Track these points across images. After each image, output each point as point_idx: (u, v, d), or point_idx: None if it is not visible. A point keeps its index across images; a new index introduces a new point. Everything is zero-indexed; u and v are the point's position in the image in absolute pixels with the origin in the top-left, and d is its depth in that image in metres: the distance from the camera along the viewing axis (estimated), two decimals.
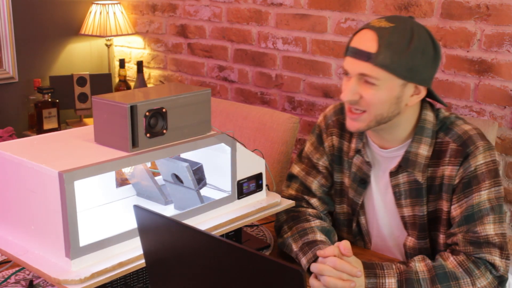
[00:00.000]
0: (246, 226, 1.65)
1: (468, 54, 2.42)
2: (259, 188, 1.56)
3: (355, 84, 1.43)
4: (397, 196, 1.53)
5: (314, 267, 1.35)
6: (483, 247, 1.39)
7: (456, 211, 1.44)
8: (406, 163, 1.49)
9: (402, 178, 1.51)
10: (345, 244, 1.34)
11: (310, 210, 1.61)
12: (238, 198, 1.51)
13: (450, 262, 1.38)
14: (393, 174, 1.52)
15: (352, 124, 1.48)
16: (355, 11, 2.71)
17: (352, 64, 1.43)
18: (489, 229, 1.40)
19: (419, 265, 1.37)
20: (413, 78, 1.42)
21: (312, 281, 1.35)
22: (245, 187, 1.52)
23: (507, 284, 1.57)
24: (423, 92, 1.46)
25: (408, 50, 1.38)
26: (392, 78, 1.40)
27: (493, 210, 1.41)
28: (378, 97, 1.41)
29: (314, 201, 1.63)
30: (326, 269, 1.32)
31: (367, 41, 1.41)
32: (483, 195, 1.41)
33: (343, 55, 1.49)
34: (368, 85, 1.42)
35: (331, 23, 2.81)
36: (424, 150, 1.48)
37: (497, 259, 1.38)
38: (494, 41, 2.34)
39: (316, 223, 1.55)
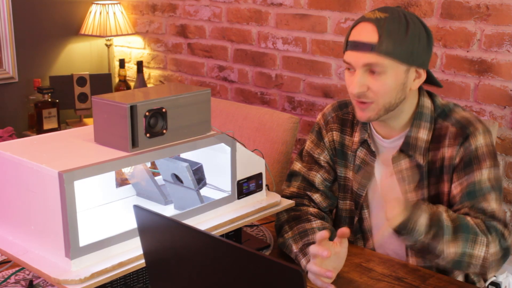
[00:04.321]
0: (246, 226, 1.65)
1: (468, 54, 2.42)
2: (259, 188, 1.56)
3: (361, 76, 1.45)
4: (399, 182, 1.54)
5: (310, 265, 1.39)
6: (491, 219, 1.41)
7: (456, 189, 1.46)
8: (407, 147, 1.52)
9: (405, 164, 1.53)
10: (344, 230, 1.37)
11: (311, 210, 1.61)
12: (238, 198, 1.51)
13: (470, 219, 1.40)
14: (395, 160, 1.54)
15: (362, 115, 1.50)
16: (355, 11, 2.71)
17: (356, 57, 1.45)
18: (493, 205, 1.43)
19: (444, 215, 1.39)
20: (414, 62, 1.46)
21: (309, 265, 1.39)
22: (245, 187, 1.52)
23: (506, 284, 1.58)
24: (423, 75, 1.50)
25: (407, 36, 1.43)
26: (396, 64, 1.43)
27: (494, 189, 1.44)
28: (386, 86, 1.44)
29: (316, 196, 1.64)
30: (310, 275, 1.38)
31: (367, 33, 1.43)
32: (484, 174, 1.44)
33: (343, 50, 1.50)
34: (374, 75, 1.44)
35: (331, 23, 2.81)
36: (423, 134, 1.51)
37: (505, 230, 1.41)
38: (494, 41, 2.34)
39: (317, 223, 1.55)
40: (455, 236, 1.36)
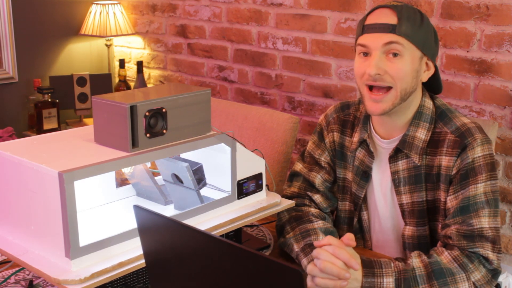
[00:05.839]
0: (246, 226, 1.65)
1: (468, 54, 2.42)
2: (259, 188, 1.56)
3: (378, 59, 1.45)
4: (396, 183, 1.54)
5: (314, 251, 1.35)
6: (476, 241, 1.39)
7: (451, 202, 1.45)
8: (403, 145, 1.51)
9: (402, 165, 1.52)
10: (349, 236, 1.35)
11: (313, 210, 1.61)
12: (238, 198, 1.51)
13: (445, 257, 1.38)
14: (392, 159, 1.54)
15: (376, 107, 1.48)
16: (355, 11, 2.71)
17: (374, 38, 1.45)
18: (484, 222, 1.41)
19: (416, 261, 1.37)
20: (427, 51, 1.48)
21: (309, 265, 1.36)
22: (245, 187, 1.52)
23: (506, 284, 1.58)
24: (432, 69, 1.52)
25: (422, 24, 1.47)
26: (413, 48, 1.46)
27: (489, 203, 1.42)
28: (403, 69, 1.45)
29: (317, 197, 1.64)
30: (324, 253, 1.32)
31: (386, 16, 1.46)
32: (480, 188, 1.43)
33: (357, 36, 1.50)
34: (392, 58, 1.45)
35: (331, 23, 2.81)
36: (421, 134, 1.51)
37: (490, 253, 1.39)
38: (494, 41, 2.34)
39: (319, 224, 1.55)
40: (431, 284, 1.34)
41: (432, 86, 1.58)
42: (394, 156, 1.53)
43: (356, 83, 1.53)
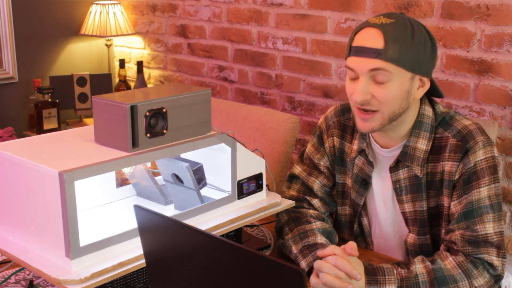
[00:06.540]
0: (246, 226, 1.65)
1: (468, 54, 2.42)
2: (259, 188, 1.56)
3: (365, 84, 1.40)
4: (397, 192, 1.53)
5: (316, 263, 1.34)
6: (481, 247, 1.39)
7: (455, 207, 1.44)
8: (404, 157, 1.49)
9: (403, 173, 1.51)
10: (352, 245, 1.34)
11: (311, 212, 1.60)
12: (238, 198, 1.51)
13: (449, 262, 1.38)
14: (393, 169, 1.52)
15: (364, 125, 1.46)
16: (355, 11, 2.71)
17: (360, 63, 1.40)
18: (488, 227, 1.40)
19: (419, 266, 1.37)
20: (420, 70, 1.42)
21: (312, 278, 1.35)
22: (245, 187, 1.52)
23: (507, 284, 1.58)
24: (427, 84, 1.46)
25: (413, 43, 1.39)
26: (402, 72, 1.39)
27: (493, 208, 1.41)
28: (391, 94, 1.40)
29: (315, 201, 1.63)
30: (326, 266, 1.31)
31: (373, 38, 1.39)
32: (483, 192, 1.41)
33: (345, 56, 1.46)
34: (379, 84, 1.40)
35: (331, 23, 2.81)
36: (422, 145, 1.48)
37: (494, 259, 1.38)
38: (494, 41, 2.34)
39: (317, 225, 1.54)
40: None
41: (433, 92, 1.54)
42: (395, 166, 1.52)
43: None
